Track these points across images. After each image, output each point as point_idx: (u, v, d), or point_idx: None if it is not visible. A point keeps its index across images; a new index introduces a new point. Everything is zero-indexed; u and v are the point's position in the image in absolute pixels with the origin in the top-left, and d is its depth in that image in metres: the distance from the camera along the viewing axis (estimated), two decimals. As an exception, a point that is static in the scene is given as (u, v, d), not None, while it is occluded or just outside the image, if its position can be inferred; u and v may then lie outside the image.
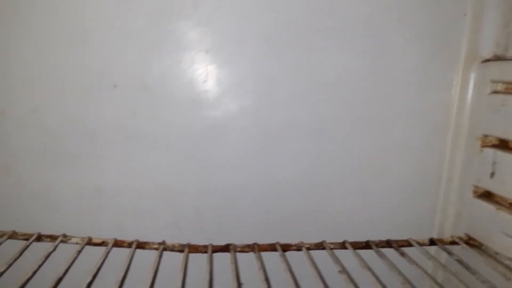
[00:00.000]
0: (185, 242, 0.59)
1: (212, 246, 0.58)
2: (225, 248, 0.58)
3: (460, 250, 0.61)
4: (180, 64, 0.58)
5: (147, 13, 0.57)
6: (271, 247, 0.59)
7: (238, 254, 0.58)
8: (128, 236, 0.58)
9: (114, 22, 0.57)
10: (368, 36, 0.59)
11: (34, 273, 0.47)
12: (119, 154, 0.60)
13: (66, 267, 0.49)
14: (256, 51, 0.59)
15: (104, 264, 0.51)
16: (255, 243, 0.59)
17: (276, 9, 0.58)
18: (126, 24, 0.57)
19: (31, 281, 0.46)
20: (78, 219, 0.61)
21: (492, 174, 0.57)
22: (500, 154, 0.56)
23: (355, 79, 0.60)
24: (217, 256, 0.58)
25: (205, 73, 0.60)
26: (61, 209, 0.61)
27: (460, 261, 0.56)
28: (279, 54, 0.59)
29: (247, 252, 0.58)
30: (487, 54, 0.59)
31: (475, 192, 0.61)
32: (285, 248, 0.59)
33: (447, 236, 0.64)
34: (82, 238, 0.58)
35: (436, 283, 0.53)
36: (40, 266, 0.49)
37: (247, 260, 0.58)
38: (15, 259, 0.49)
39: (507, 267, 0.52)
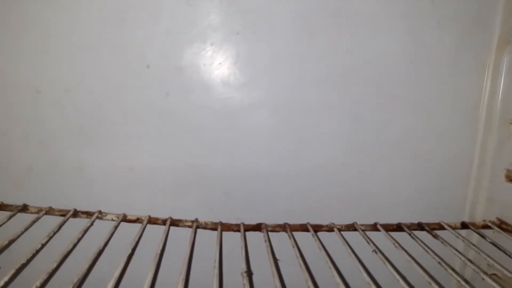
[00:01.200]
0: (216, 221, 0.59)
1: (244, 225, 0.58)
2: (257, 227, 0.59)
3: (492, 233, 0.60)
4: (212, 46, 0.59)
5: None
6: (303, 227, 0.59)
7: (269, 233, 0.58)
8: (161, 214, 0.59)
9: (145, 3, 0.57)
10: (401, 17, 0.59)
11: (75, 246, 0.48)
12: (151, 134, 0.60)
13: (104, 241, 0.50)
14: (288, 32, 0.59)
15: (140, 241, 0.52)
16: (286, 223, 0.59)
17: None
18: (157, 5, 0.57)
19: (71, 254, 0.47)
20: (112, 197, 0.61)
21: (527, 157, 0.57)
22: (535, 136, 0.56)
23: (387, 61, 0.60)
24: (248, 235, 0.58)
25: (236, 55, 0.60)
26: (95, 187, 0.62)
27: (494, 244, 0.56)
28: (311, 36, 0.59)
29: (279, 231, 0.59)
30: (522, 36, 0.59)
31: (507, 176, 0.61)
32: (316, 228, 0.59)
33: (478, 220, 0.64)
34: (117, 214, 0.58)
35: (471, 262, 0.53)
36: (79, 239, 0.50)
37: (278, 240, 0.59)
38: (55, 233, 0.50)
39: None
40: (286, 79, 0.61)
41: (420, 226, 0.61)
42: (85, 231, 0.51)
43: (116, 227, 0.53)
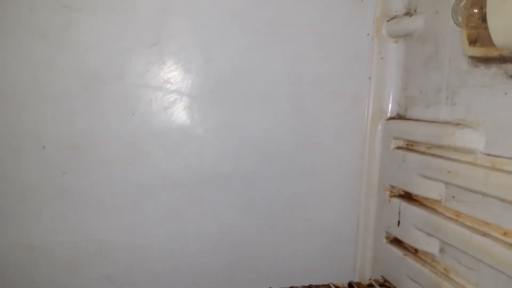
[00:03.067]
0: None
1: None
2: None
3: (376, 292, 0.66)
4: (108, 124, 0.62)
5: (74, 77, 0.59)
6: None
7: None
8: (60, 292, 0.60)
9: (42, 85, 0.59)
10: (287, 97, 0.65)
11: None
12: (50, 212, 0.62)
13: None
14: (186, 112, 0.63)
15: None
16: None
17: (202, 73, 0.63)
18: (54, 87, 0.60)
19: None
20: (11, 276, 0.61)
21: (398, 223, 0.63)
22: (404, 204, 0.62)
23: (276, 135, 0.66)
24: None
25: (132, 135, 0.63)
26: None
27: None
28: (206, 113, 0.64)
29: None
30: (391, 113, 0.66)
31: (387, 237, 0.67)
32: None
33: (366, 278, 0.69)
34: (10, 296, 0.59)
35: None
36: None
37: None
38: None
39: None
40: (183, 153, 0.64)
41: (310, 289, 0.66)
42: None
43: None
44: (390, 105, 0.65)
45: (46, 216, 0.62)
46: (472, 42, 0.48)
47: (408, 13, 0.63)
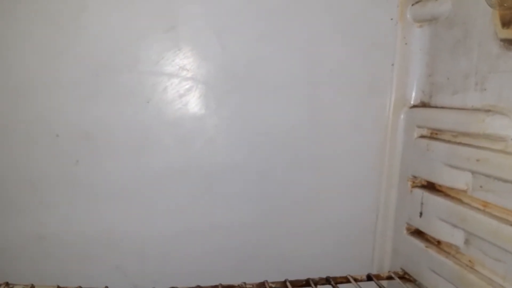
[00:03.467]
0: (129, 287, 0.60)
1: (156, 290, 0.60)
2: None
3: (397, 285, 0.64)
4: (121, 113, 0.60)
5: (86, 64, 0.58)
6: (214, 288, 0.61)
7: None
8: (72, 282, 0.59)
9: (55, 72, 0.58)
10: (304, 86, 0.63)
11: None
12: (62, 202, 0.61)
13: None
14: (201, 101, 0.62)
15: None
16: (198, 286, 0.61)
17: (218, 60, 0.61)
18: (67, 74, 0.58)
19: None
20: (21, 267, 0.61)
21: (421, 214, 0.61)
22: (427, 195, 0.60)
23: (292, 125, 0.64)
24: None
25: (144, 123, 0.61)
26: (4, 257, 0.61)
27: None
28: (221, 102, 0.63)
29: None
30: (414, 101, 0.64)
31: (408, 229, 0.65)
32: (228, 288, 0.61)
33: (385, 271, 0.68)
34: (25, 285, 0.58)
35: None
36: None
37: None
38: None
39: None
40: (197, 142, 0.63)
41: (328, 281, 0.64)
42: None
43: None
44: (413, 93, 0.63)
45: (58, 206, 0.61)
46: (506, 23, 0.46)
47: (433, -4, 0.60)
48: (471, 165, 0.51)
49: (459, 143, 0.54)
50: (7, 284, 0.58)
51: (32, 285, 0.58)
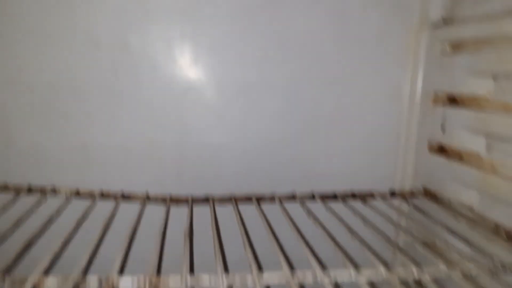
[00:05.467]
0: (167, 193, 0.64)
1: (192, 197, 0.63)
2: (205, 200, 0.63)
3: (418, 200, 0.67)
4: (158, 25, 0.63)
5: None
6: (247, 198, 0.65)
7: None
8: (115, 187, 0.63)
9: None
10: (329, 2, 0.65)
11: (27, 216, 0.52)
12: (104, 112, 0.64)
13: (57, 214, 0.53)
14: (229, 13, 0.64)
15: (91, 215, 0.56)
16: (232, 195, 0.65)
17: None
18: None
19: (24, 226, 0.50)
20: (65, 174, 0.64)
21: (443, 129, 0.64)
22: (449, 110, 0.63)
23: (318, 41, 0.66)
24: (198, 210, 0.63)
25: (181, 34, 0.64)
26: (49, 165, 0.64)
27: (418, 208, 0.63)
28: (250, 18, 0.65)
29: (226, 204, 0.64)
30: (437, 18, 0.66)
31: (430, 146, 0.68)
32: (260, 198, 0.65)
33: (407, 190, 0.71)
34: (70, 189, 0.62)
35: (400, 228, 0.59)
36: (31, 212, 0.53)
37: (228, 210, 0.63)
38: (7, 206, 0.53)
39: (458, 213, 0.59)
40: (228, 57, 0.65)
41: (353, 195, 0.68)
42: (37, 204, 0.55)
43: (67, 198, 0.57)
44: (436, 10, 0.65)
45: (100, 115, 0.64)
46: None
47: None
48: (495, 67, 0.54)
49: (483, 50, 0.56)
50: (53, 187, 0.62)
51: (77, 189, 0.62)
